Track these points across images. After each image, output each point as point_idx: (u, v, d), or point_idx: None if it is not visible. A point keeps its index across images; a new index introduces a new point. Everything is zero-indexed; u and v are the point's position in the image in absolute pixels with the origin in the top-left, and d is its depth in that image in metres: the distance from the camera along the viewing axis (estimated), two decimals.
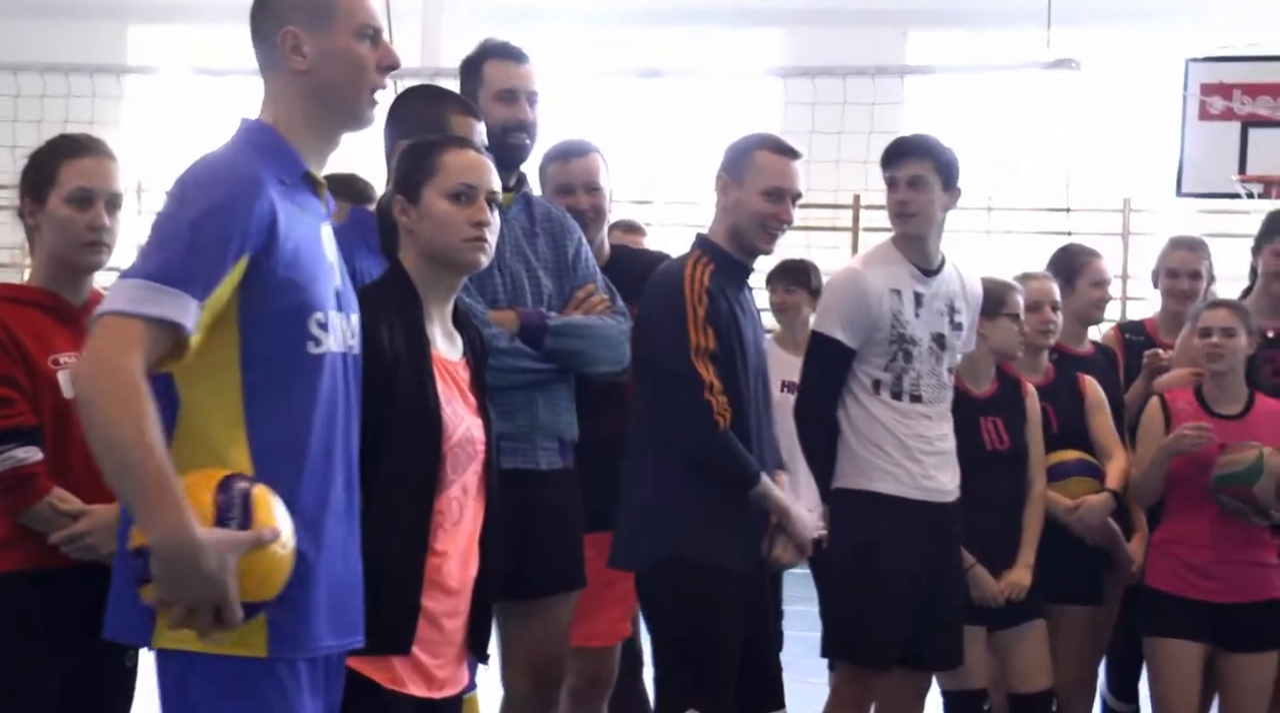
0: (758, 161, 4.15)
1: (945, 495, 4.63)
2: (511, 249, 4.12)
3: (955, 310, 4.70)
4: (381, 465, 3.03)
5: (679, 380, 4.01)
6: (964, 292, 4.74)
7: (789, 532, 4.11)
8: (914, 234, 4.60)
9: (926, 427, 4.60)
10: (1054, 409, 5.08)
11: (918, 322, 4.60)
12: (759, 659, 4.15)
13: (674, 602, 4.07)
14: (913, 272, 4.63)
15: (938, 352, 4.64)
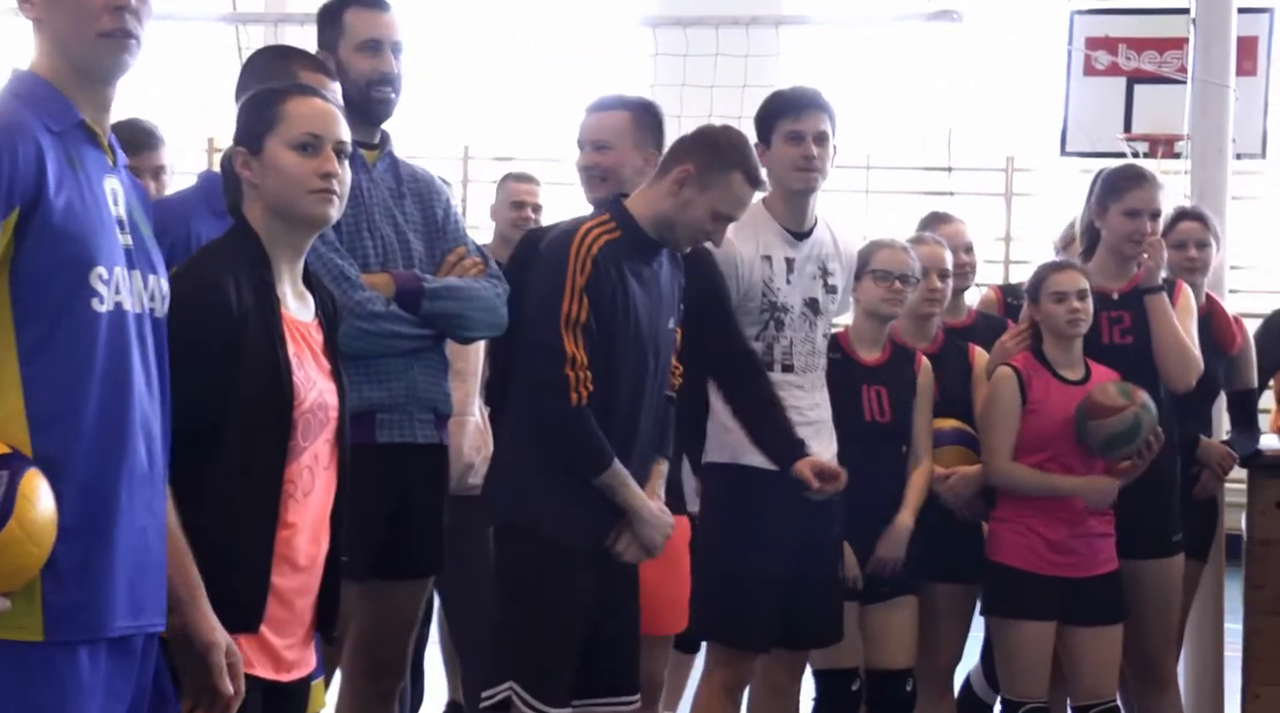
0: (732, 185, 4.10)
1: None
2: (380, 211, 4.08)
3: (829, 272, 4.72)
4: (228, 432, 3.00)
5: (543, 349, 3.99)
6: (838, 253, 4.76)
7: (634, 531, 4.08)
8: (811, 191, 4.61)
9: (798, 397, 4.62)
10: (938, 377, 5.13)
11: (789, 288, 4.62)
12: (611, 644, 4.12)
13: (514, 570, 4.06)
14: (783, 235, 4.65)
15: (811, 317, 4.66)
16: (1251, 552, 5.74)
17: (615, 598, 4.11)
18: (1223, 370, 5.63)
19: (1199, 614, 5.91)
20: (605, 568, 4.07)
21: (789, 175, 4.62)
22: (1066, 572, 4.91)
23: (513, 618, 4.04)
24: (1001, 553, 4.98)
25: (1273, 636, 5.64)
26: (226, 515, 2.97)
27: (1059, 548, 4.91)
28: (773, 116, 4.64)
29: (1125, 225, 5.19)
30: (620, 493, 4.03)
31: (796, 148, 4.59)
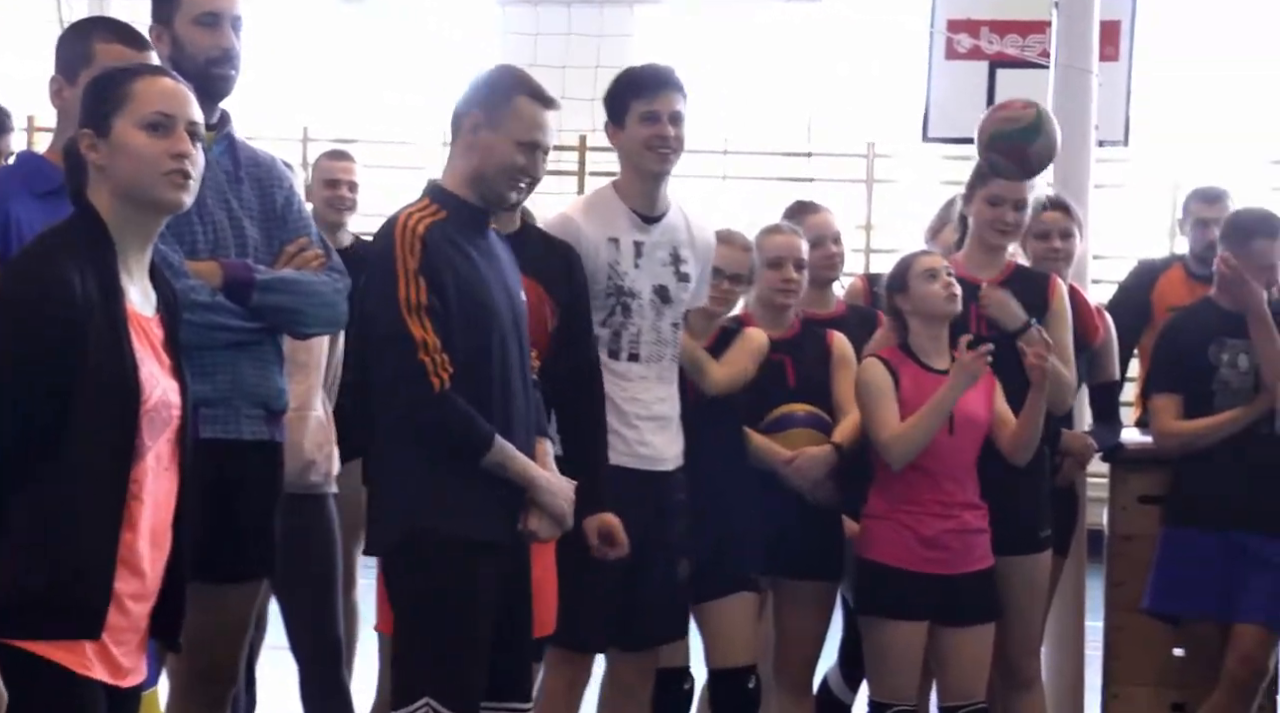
0: (519, 109, 4.06)
1: (663, 464, 4.68)
2: (214, 195, 4.00)
3: (681, 260, 4.73)
4: (70, 431, 2.96)
5: (391, 341, 3.94)
6: (691, 240, 4.77)
7: (539, 503, 4.06)
8: (666, 172, 4.62)
9: (644, 389, 4.63)
10: (792, 362, 5.15)
11: (637, 273, 4.62)
12: (510, 645, 4.09)
13: (415, 580, 3.99)
14: (632, 218, 4.66)
15: (659, 306, 4.67)
16: (1113, 547, 5.85)
17: (512, 598, 4.08)
18: (1085, 363, 5.71)
19: (1059, 612, 5.99)
20: (504, 566, 4.04)
21: (644, 156, 4.62)
22: (940, 569, 4.95)
23: (421, 629, 3.98)
24: (873, 550, 5.01)
25: (1134, 633, 5.74)
26: (68, 519, 2.93)
27: (933, 544, 4.94)
28: (626, 96, 4.64)
29: (987, 213, 5.26)
30: (512, 467, 4.01)
31: (652, 128, 4.60)
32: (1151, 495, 5.70)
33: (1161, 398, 5.50)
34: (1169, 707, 5.72)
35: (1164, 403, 5.49)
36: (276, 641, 5.53)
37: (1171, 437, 5.47)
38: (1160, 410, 5.50)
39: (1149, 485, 5.72)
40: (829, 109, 12.42)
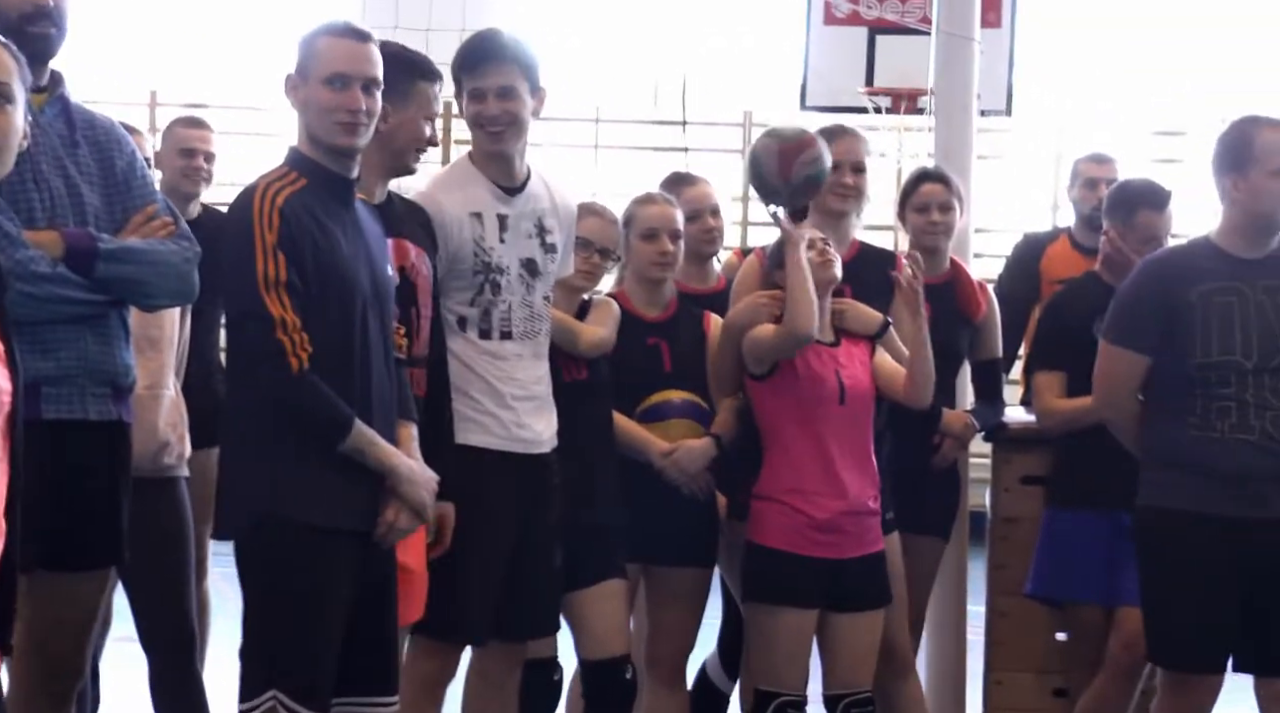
0: (319, 49, 4.04)
1: (540, 446, 4.67)
2: (49, 160, 3.94)
3: (546, 230, 4.72)
4: None
5: (249, 318, 3.89)
6: (555, 208, 4.76)
7: (398, 493, 4.02)
8: (502, 151, 4.60)
9: (520, 368, 4.62)
10: (668, 346, 5.16)
11: (504, 248, 4.61)
12: (372, 637, 4.06)
13: (264, 567, 3.95)
14: (494, 191, 4.64)
15: (528, 279, 4.66)
16: (995, 530, 5.91)
17: (374, 588, 4.04)
18: (967, 339, 5.76)
19: (940, 597, 6.04)
20: (364, 554, 4.00)
21: (476, 134, 4.65)
22: (831, 553, 4.96)
23: (270, 619, 3.94)
24: (762, 534, 5.01)
25: (1016, 618, 5.81)
26: None
27: (826, 528, 4.96)
28: (459, 71, 4.65)
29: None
30: (372, 454, 3.97)
31: (477, 105, 4.60)
32: (1034, 476, 5.76)
33: (1044, 375, 5.56)
34: (1051, 693, 5.79)
35: (1047, 380, 5.55)
36: (124, 632, 5.46)
37: (1054, 415, 5.53)
38: (1043, 388, 5.56)
39: (1032, 466, 5.78)
40: (704, 76, 12.41)
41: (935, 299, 5.60)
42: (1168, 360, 4.74)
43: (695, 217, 5.57)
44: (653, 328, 5.15)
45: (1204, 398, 4.69)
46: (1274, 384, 4.67)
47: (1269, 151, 4.70)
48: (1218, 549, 4.65)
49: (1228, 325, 4.68)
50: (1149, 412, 4.84)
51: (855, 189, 5.35)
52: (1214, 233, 4.84)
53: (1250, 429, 4.67)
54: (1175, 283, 4.75)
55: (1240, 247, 4.78)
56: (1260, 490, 4.67)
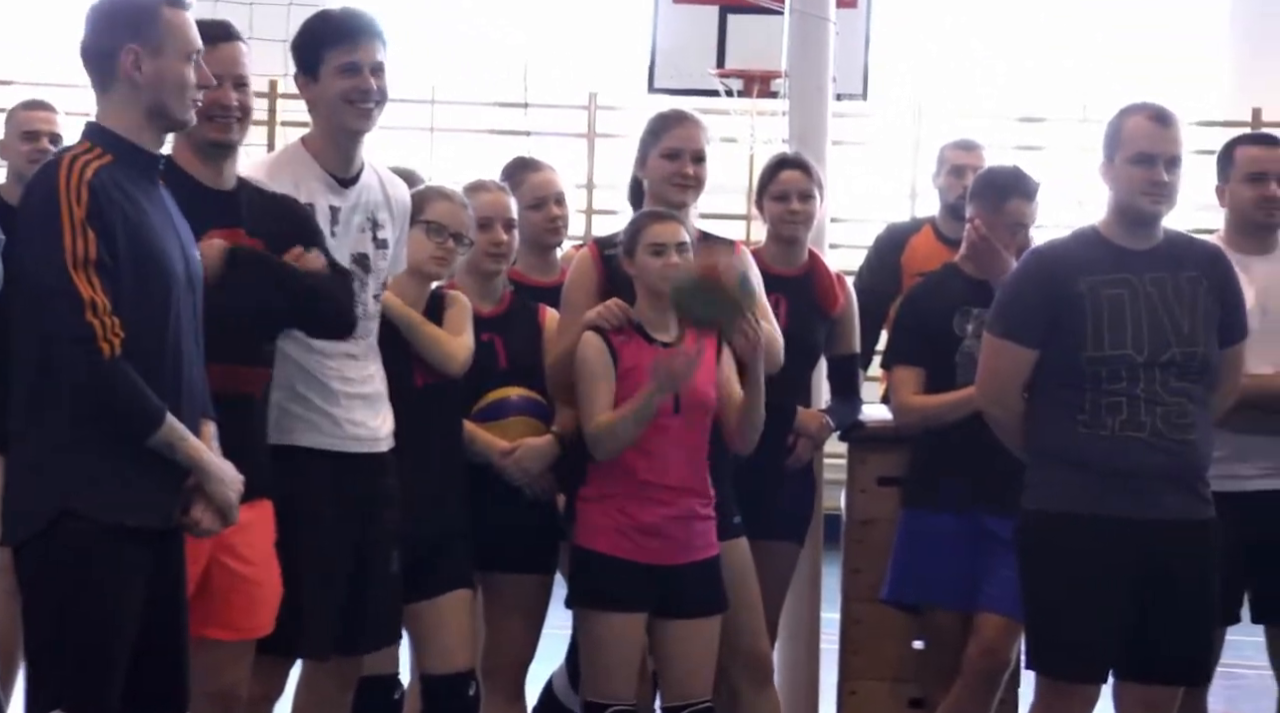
0: (171, 23, 3.95)
1: (376, 444, 4.63)
2: None
3: (378, 224, 4.68)
4: None
5: (55, 298, 3.80)
6: (387, 201, 4.72)
7: (206, 491, 3.96)
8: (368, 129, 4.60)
9: (351, 366, 4.58)
10: (503, 342, 5.13)
11: (335, 243, 4.56)
12: (162, 650, 3.97)
13: (51, 571, 3.84)
14: (327, 181, 4.59)
15: (360, 276, 4.61)
16: (851, 533, 5.93)
17: (164, 599, 3.95)
18: (823, 334, 5.79)
19: (793, 603, 6.06)
20: (158, 560, 3.92)
21: (344, 111, 4.56)
22: (661, 558, 4.95)
23: (63, 631, 3.82)
24: (588, 537, 5.00)
25: (872, 625, 5.84)
26: None
27: (653, 531, 4.95)
28: (320, 44, 4.56)
29: (665, 168, 5.28)
30: (181, 449, 3.90)
31: (352, 80, 4.54)
32: (891, 477, 5.79)
33: (902, 371, 5.59)
34: (907, 702, 5.83)
35: (905, 376, 5.57)
36: None
37: (912, 412, 5.55)
38: (901, 384, 5.58)
39: (889, 466, 5.81)
40: (547, 56, 12.39)
41: (792, 292, 5.62)
42: (1056, 354, 4.76)
43: (539, 204, 5.54)
44: (487, 323, 5.11)
45: (1094, 393, 4.71)
46: (1165, 379, 4.71)
47: (1130, 139, 4.76)
48: (1108, 552, 4.67)
49: (1118, 318, 4.71)
50: (1035, 409, 4.84)
51: (695, 179, 5.35)
52: (1100, 222, 4.87)
53: (1141, 426, 4.70)
54: (1063, 274, 4.76)
55: (1124, 237, 4.81)
56: (1151, 490, 4.70)
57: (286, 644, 4.50)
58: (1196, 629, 4.79)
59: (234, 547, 4.25)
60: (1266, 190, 5.40)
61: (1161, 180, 4.72)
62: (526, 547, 5.16)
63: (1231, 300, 4.86)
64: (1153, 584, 4.69)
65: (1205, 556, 4.76)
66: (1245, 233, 5.44)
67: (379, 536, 4.64)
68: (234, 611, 4.28)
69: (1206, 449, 4.77)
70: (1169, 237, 4.84)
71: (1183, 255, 4.81)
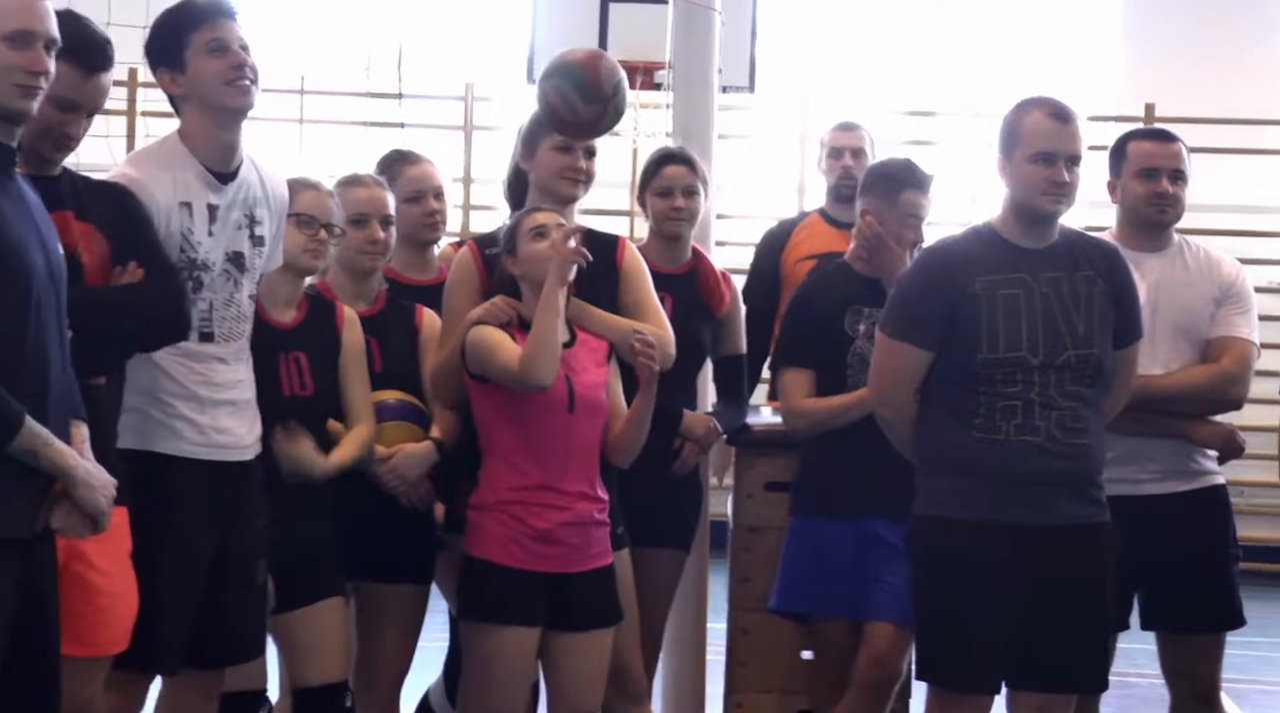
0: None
1: (242, 451, 4.60)
2: None
3: (256, 221, 4.64)
4: None
5: None
6: (266, 197, 4.69)
7: (74, 498, 3.90)
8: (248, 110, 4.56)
9: (220, 371, 4.55)
10: (379, 344, 5.11)
11: (211, 241, 4.52)
12: (32, 661, 3.91)
13: None
14: (205, 177, 4.54)
15: (235, 275, 4.58)
16: (738, 540, 5.93)
17: (33, 610, 3.89)
18: (709, 334, 5.79)
19: (679, 613, 6.07)
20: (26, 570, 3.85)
21: (223, 92, 4.52)
22: (554, 566, 4.93)
23: None
24: (479, 546, 4.96)
25: (760, 637, 5.85)
26: None
27: (547, 539, 4.92)
28: (182, 31, 4.52)
29: (558, 162, 5.25)
30: (45, 454, 3.84)
31: (223, 59, 4.50)
32: (780, 482, 5.79)
33: (791, 372, 5.59)
34: None
35: (794, 378, 5.57)
36: None
37: (801, 416, 5.56)
38: (790, 386, 5.58)
39: (777, 471, 5.81)
40: (422, 45, 12.33)
41: (676, 291, 5.62)
42: (950, 356, 4.77)
43: (416, 198, 5.51)
44: (361, 324, 5.08)
45: (988, 397, 4.73)
46: (1059, 382, 4.74)
47: (1030, 136, 4.78)
48: (1000, 559, 4.70)
49: (1013, 319, 4.73)
50: (928, 413, 4.86)
51: (587, 174, 5.32)
52: (995, 220, 4.89)
53: (1036, 430, 4.73)
54: (958, 273, 4.78)
55: (1019, 235, 4.83)
56: (1045, 495, 4.73)
57: (143, 659, 4.45)
58: (1090, 637, 4.83)
59: (86, 555, 4.19)
60: (1159, 187, 5.46)
61: (1062, 180, 4.76)
62: (402, 556, 5.14)
63: (1127, 300, 4.91)
64: (1046, 591, 4.73)
65: (1099, 561, 4.81)
66: (1137, 230, 5.50)
67: (243, 546, 4.61)
68: (86, 624, 4.21)
69: (1100, 453, 4.82)
70: (1065, 235, 4.88)
71: (1079, 254, 4.85)
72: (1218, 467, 5.52)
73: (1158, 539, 5.34)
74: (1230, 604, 5.49)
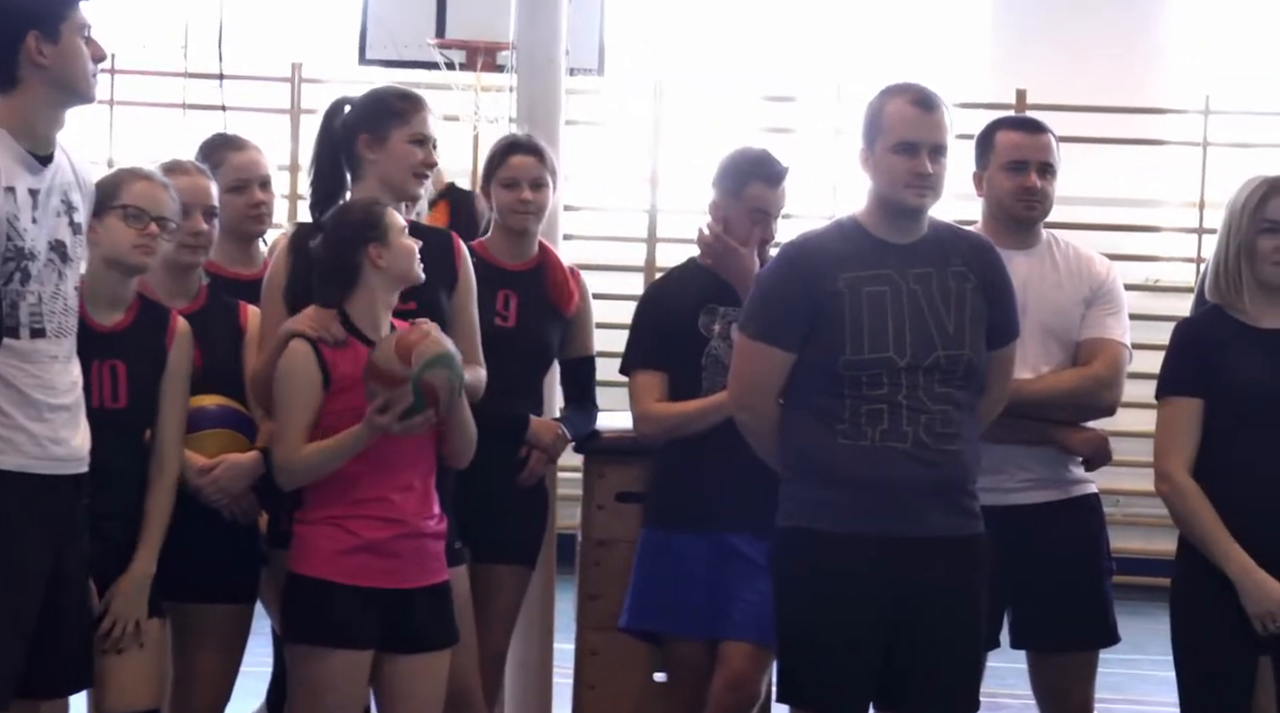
0: None
1: (79, 465, 4.56)
2: None
3: (73, 207, 4.60)
4: None
5: None
6: (78, 182, 4.65)
7: None
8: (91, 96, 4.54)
9: (55, 372, 4.50)
10: (200, 344, 5.05)
11: (35, 229, 4.47)
12: None
13: None
14: (25, 159, 4.50)
15: (59, 265, 4.53)
16: (587, 555, 5.95)
17: None
18: (557, 335, 5.80)
19: (524, 632, 6.07)
20: None
21: (83, 79, 4.52)
22: (388, 582, 4.90)
23: None
24: (306, 563, 4.93)
25: (610, 658, 5.86)
26: None
27: (382, 552, 4.89)
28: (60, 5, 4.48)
29: (413, 155, 5.22)
30: None
31: (92, 47, 4.51)
32: (631, 493, 5.82)
33: (643, 375, 5.60)
34: None
35: (645, 381, 5.59)
36: None
37: (653, 421, 5.57)
38: (641, 390, 5.60)
39: (629, 481, 5.83)
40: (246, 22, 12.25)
41: (521, 289, 5.63)
42: (813, 358, 4.76)
43: (241, 187, 5.48)
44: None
45: (853, 401, 4.73)
46: (929, 385, 4.74)
47: (893, 125, 4.79)
48: (867, 573, 4.70)
49: (879, 319, 4.73)
50: (791, 417, 4.85)
51: (428, 164, 5.29)
52: (859, 213, 4.89)
53: (903, 436, 4.73)
54: (820, 269, 4.77)
55: (885, 229, 4.83)
56: (914, 505, 4.73)
57: None
58: (962, 655, 4.85)
59: None
60: (1026, 181, 5.49)
61: (925, 171, 4.77)
62: (224, 574, 5.11)
63: (1002, 298, 4.91)
64: (915, 607, 4.74)
65: (971, 575, 4.82)
66: (1003, 226, 5.53)
67: (75, 566, 4.56)
68: None
69: (974, 460, 4.83)
70: (935, 228, 4.87)
71: (949, 249, 4.84)
72: (1091, 475, 5.58)
73: (1028, 552, 5.38)
74: (1104, 620, 5.56)
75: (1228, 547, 4.92)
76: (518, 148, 5.82)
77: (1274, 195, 4.99)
